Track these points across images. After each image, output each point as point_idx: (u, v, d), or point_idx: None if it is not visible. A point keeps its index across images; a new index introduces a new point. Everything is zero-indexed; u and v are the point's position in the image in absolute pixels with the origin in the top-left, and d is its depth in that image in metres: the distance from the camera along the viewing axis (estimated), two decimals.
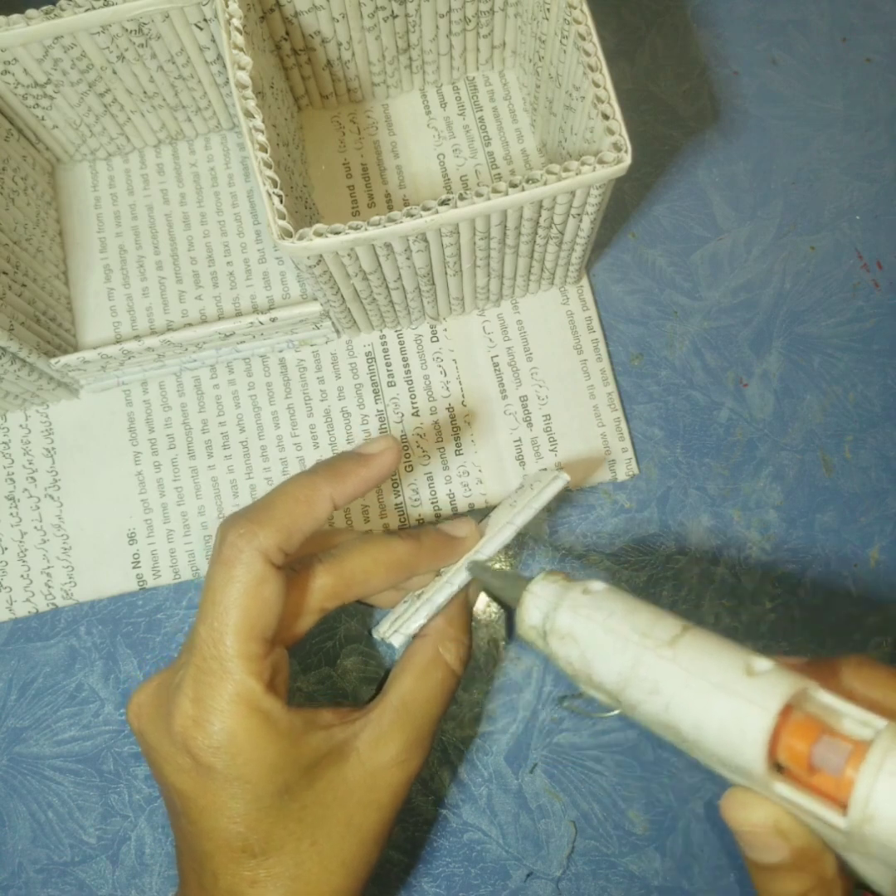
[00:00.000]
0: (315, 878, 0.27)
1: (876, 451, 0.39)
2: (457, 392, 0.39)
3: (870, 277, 0.41)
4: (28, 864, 0.36)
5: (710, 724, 0.22)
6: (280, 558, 0.27)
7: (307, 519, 0.28)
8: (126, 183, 0.42)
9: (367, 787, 0.28)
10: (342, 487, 0.29)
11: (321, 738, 0.28)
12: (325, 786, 0.28)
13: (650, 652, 0.23)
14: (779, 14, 0.44)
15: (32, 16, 0.33)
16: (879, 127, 0.43)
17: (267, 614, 0.27)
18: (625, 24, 0.44)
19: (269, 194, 0.29)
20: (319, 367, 0.40)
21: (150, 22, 0.34)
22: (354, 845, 0.28)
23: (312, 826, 0.27)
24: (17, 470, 0.39)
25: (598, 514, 0.38)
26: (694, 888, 0.35)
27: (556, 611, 0.26)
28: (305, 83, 0.40)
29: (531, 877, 0.36)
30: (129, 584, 0.38)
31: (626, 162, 0.29)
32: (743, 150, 0.43)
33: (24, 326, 0.34)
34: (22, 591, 0.38)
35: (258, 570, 0.26)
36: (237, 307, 0.40)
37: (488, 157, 0.41)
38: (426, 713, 0.29)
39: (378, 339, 0.40)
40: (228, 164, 0.42)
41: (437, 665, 0.30)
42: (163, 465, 0.39)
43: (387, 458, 0.30)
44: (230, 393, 0.39)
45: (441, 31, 0.38)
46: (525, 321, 0.40)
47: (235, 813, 0.27)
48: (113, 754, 0.37)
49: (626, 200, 0.42)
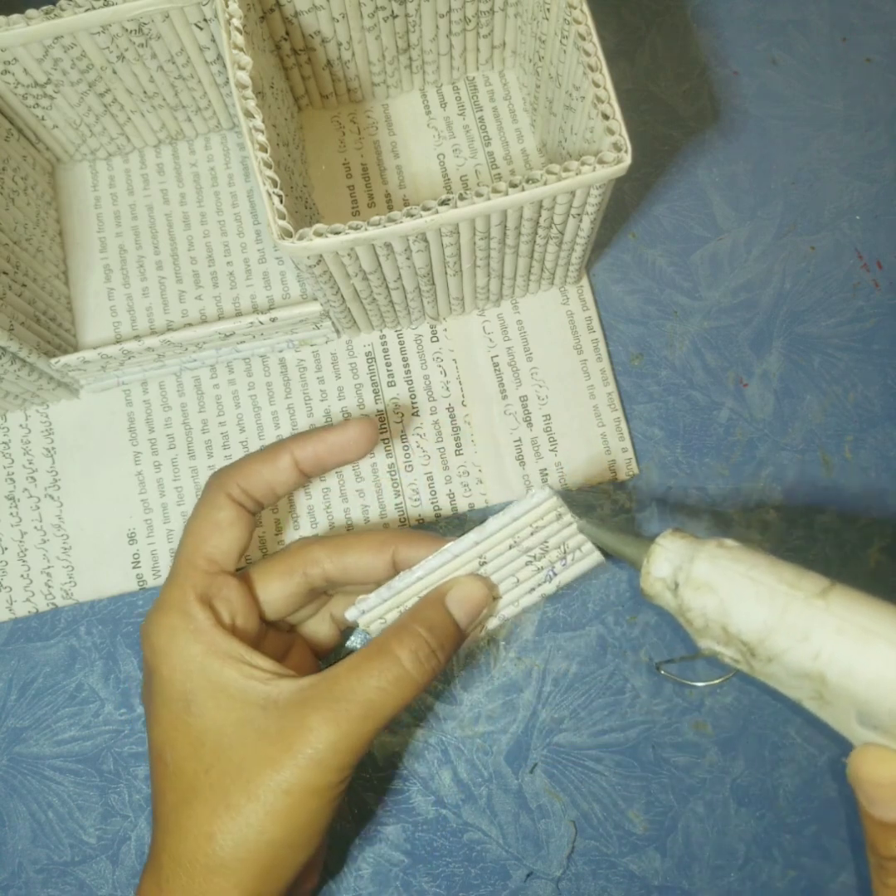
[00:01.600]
0: (206, 822, 0.27)
1: (876, 451, 0.39)
2: (457, 392, 0.39)
3: (870, 277, 0.41)
4: (28, 864, 0.36)
5: (864, 671, 0.23)
6: (238, 493, 0.31)
7: (268, 466, 0.32)
8: (126, 183, 0.42)
9: (269, 744, 0.27)
10: (303, 444, 0.32)
11: (243, 671, 0.28)
12: (229, 718, 0.27)
13: (800, 601, 0.24)
14: (779, 14, 0.44)
15: (32, 16, 0.33)
16: (879, 127, 0.43)
17: (217, 535, 0.31)
18: (625, 24, 0.44)
19: (269, 194, 0.29)
20: (319, 367, 0.40)
21: (150, 22, 0.34)
22: (241, 796, 0.27)
23: (212, 753, 0.27)
24: (17, 470, 0.39)
25: (598, 515, 0.38)
26: (694, 888, 0.35)
27: (692, 562, 0.26)
28: (305, 83, 0.40)
29: (531, 877, 0.36)
30: (130, 584, 0.38)
31: (626, 162, 0.29)
32: (743, 150, 0.43)
33: (24, 326, 0.34)
34: (22, 590, 0.38)
35: (216, 500, 0.31)
36: (237, 307, 0.40)
37: (488, 157, 0.41)
38: (363, 704, 0.27)
39: (378, 339, 0.40)
40: (228, 163, 0.42)
41: (386, 657, 0.28)
42: (163, 465, 0.39)
43: (354, 427, 0.32)
44: (230, 393, 0.39)
45: (441, 31, 0.38)
46: (525, 321, 0.40)
47: (156, 713, 0.29)
48: (113, 754, 0.37)
49: (626, 200, 0.42)
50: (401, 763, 0.37)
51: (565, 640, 0.37)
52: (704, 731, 0.36)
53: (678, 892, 0.35)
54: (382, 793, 0.36)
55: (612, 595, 0.38)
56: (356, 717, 0.27)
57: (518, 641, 0.37)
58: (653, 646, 0.37)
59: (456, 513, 0.38)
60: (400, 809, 0.36)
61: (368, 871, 0.36)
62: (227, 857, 0.27)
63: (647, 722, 0.36)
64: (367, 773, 0.36)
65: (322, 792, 0.27)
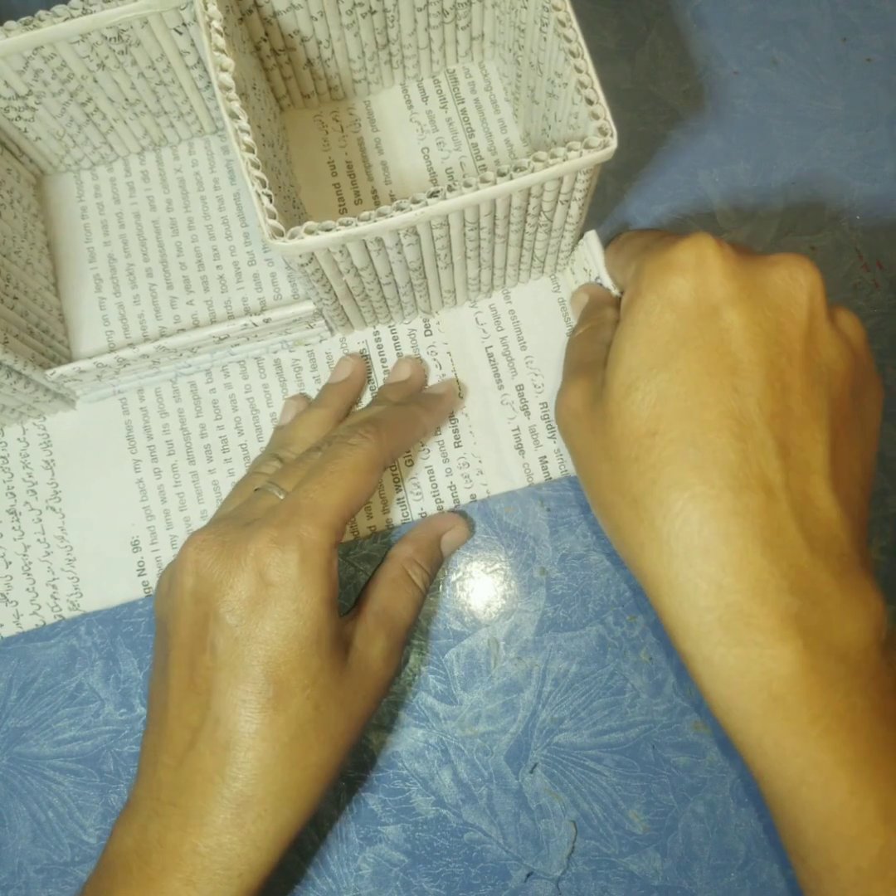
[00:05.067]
0: (307, 746, 0.30)
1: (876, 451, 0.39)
2: (452, 384, 0.39)
3: (870, 277, 0.41)
4: (28, 864, 0.36)
5: None
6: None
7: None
8: (112, 191, 0.42)
9: (360, 674, 0.31)
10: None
11: (340, 622, 0.32)
12: (334, 663, 0.30)
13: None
14: (779, 14, 0.44)
15: (11, 27, 0.33)
16: (879, 127, 0.43)
17: (362, 498, 0.32)
18: (625, 24, 0.44)
19: (259, 194, 0.29)
20: (315, 366, 0.40)
21: (130, 28, 0.34)
22: (342, 724, 0.31)
23: (320, 692, 0.30)
24: (17, 483, 0.39)
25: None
26: (694, 888, 0.35)
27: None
28: (286, 83, 0.40)
29: (531, 877, 0.36)
30: (136, 592, 0.38)
31: (612, 146, 0.29)
32: (743, 150, 0.42)
33: (17, 339, 0.34)
34: (28, 604, 0.38)
35: (380, 461, 0.33)
36: (229, 311, 0.40)
37: (472, 148, 0.42)
38: (401, 619, 0.34)
39: (372, 335, 0.40)
40: (213, 167, 0.42)
41: (407, 581, 0.35)
42: (163, 472, 0.39)
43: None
44: (227, 396, 0.39)
45: (420, 24, 0.38)
46: (517, 311, 0.40)
47: (273, 631, 0.29)
48: (113, 754, 0.37)
49: (626, 200, 0.42)
50: (401, 763, 0.37)
51: (565, 640, 0.37)
52: (704, 731, 0.36)
53: (678, 892, 0.35)
54: (382, 793, 0.36)
55: (612, 595, 0.38)
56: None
57: (518, 641, 0.37)
58: (653, 646, 0.37)
59: (458, 504, 0.38)
60: (400, 809, 0.36)
61: (368, 871, 0.36)
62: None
63: (647, 722, 0.36)
64: (368, 773, 0.36)
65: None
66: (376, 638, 0.32)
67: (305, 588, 0.30)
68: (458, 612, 0.38)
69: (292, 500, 0.31)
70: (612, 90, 0.43)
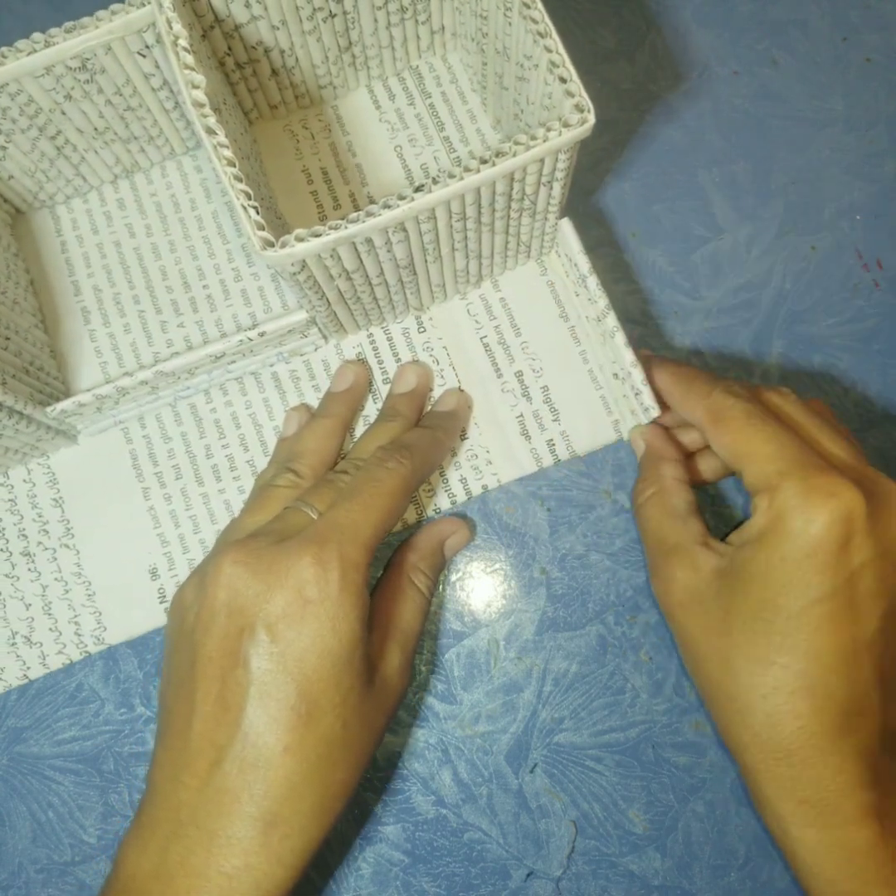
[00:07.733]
0: (333, 765, 0.30)
1: (876, 451, 0.39)
2: (452, 378, 0.39)
3: (870, 277, 0.41)
4: (28, 864, 0.36)
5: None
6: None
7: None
8: (89, 223, 0.41)
9: (382, 691, 0.32)
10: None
11: (370, 641, 0.32)
12: (362, 682, 0.31)
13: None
14: (779, 14, 0.44)
15: None
16: (879, 127, 0.43)
17: (390, 523, 0.33)
18: (625, 24, 0.44)
19: (245, 207, 0.29)
20: (313, 375, 0.40)
21: (93, 56, 0.34)
22: (365, 741, 0.31)
23: (349, 711, 0.30)
24: (27, 525, 0.38)
25: (598, 514, 0.38)
26: (694, 888, 0.35)
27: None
28: (253, 96, 0.40)
29: (531, 877, 0.36)
30: (158, 620, 0.37)
31: (590, 122, 0.30)
32: (743, 150, 0.43)
33: (15, 379, 0.34)
34: (53, 643, 0.37)
35: (409, 488, 0.34)
36: (220, 329, 0.40)
37: (444, 142, 0.42)
38: (411, 630, 0.34)
39: (366, 338, 0.40)
40: (188, 188, 0.42)
41: (413, 590, 0.35)
42: (173, 497, 0.39)
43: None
44: (228, 415, 0.39)
45: (380, 23, 0.38)
46: (507, 298, 0.40)
47: (308, 648, 0.29)
48: (113, 754, 0.37)
49: (626, 200, 0.42)
50: (401, 763, 0.37)
51: (565, 640, 0.37)
52: (704, 731, 0.36)
53: (678, 891, 0.35)
54: (382, 793, 0.36)
55: (612, 595, 0.38)
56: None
57: (518, 641, 0.37)
58: (653, 646, 0.37)
59: (470, 497, 0.38)
60: (400, 809, 0.36)
61: (368, 870, 0.36)
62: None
63: (647, 722, 0.37)
64: (368, 773, 0.36)
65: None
66: (392, 653, 0.33)
67: (343, 606, 0.30)
68: (458, 611, 0.38)
69: (331, 519, 0.31)
70: (612, 90, 0.43)
